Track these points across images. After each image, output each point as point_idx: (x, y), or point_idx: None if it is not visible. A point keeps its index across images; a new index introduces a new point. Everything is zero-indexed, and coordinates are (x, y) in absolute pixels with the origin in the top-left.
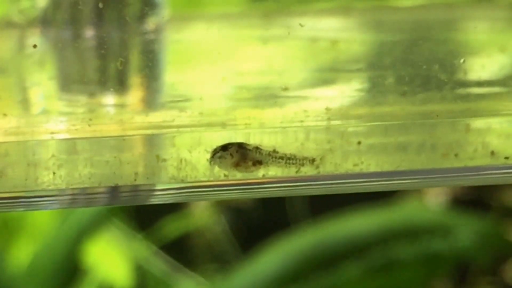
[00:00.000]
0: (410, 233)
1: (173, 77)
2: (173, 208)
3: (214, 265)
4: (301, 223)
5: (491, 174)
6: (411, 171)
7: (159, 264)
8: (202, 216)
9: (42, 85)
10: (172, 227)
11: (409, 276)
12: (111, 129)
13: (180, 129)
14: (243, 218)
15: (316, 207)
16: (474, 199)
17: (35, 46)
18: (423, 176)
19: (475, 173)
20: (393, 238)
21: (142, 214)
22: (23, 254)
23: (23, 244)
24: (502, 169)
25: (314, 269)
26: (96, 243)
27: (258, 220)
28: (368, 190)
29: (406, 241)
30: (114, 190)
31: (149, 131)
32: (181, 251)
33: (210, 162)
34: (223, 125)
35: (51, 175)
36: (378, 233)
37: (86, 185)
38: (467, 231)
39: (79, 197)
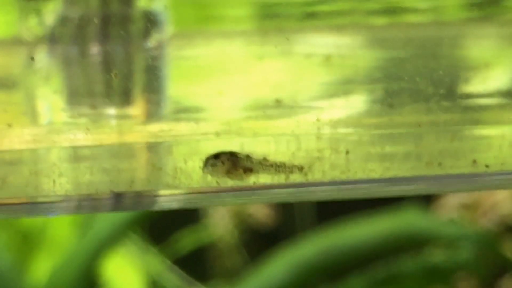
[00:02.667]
0: (413, 241)
1: (174, 90)
2: (186, 222)
3: (227, 279)
4: (309, 233)
5: (472, 181)
6: (396, 178)
7: (172, 278)
8: (215, 230)
9: (47, 98)
10: (185, 241)
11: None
12: (111, 138)
13: (177, 139)
14: (256, 232)
15: (323, 216)
16: None
17: (32, 58)
18: (407, 183)
19: (457, 180)
20: (395, 246)
21: (155, 229)
22: (42, 268)
23: (42, 258)
24: (483, 177)
25: (320, 278)
26: (112, 257)
27: (269, 234)
28: (354, 197)
29: (408, 249)
30: (117, 197)
31: (146, 141)
32: (194, 265)
33: (203, 170)
34: (218, 135)
35: (51, 183)
36: (381, 241)
37: (83, 192)
38: (467, 243)
39: (85, 203)
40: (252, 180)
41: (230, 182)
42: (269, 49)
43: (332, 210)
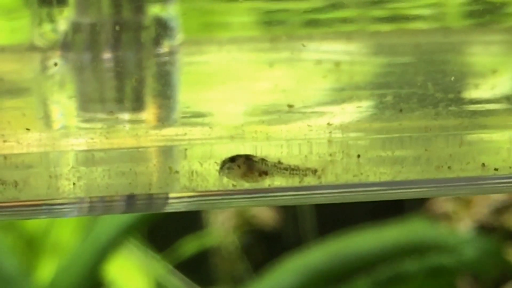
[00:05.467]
0: (418, 250)
1: (185, 95)
2: (189, 228)
3: (230, 284)
4: (312, 242)
5: (481, 185)
6: (407, 181)
7: (175, 283)
8: (218, 235)
9: (63, 103)
10: (188, 246)
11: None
12: (127, 142)
13: (192, 142)
14: (258, 238)
15: (325, 226)
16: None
17: (56, 64)
18: (418, 186)
19: (467, 183)
20: (400, 255)
21: (158, 234)
22: (46, 271)
23: (46, 261)
24: (492, 180)
25: (324, 285)
26: (115, 261)
27: (271, 240)
28: (366, 199)
29: (413, 257)
30: (129, 199)
31: (162, 144)
32: (197, 270)
33: (219, 172)
34: (232, 139)
35: (71, 185)
36: (387, 250)
37: (104, 194)
38: (471, 247)
39: (97, 204)
40: (267, 182)
41: (246, 185)
42: (279, 55)
43: (333, 215)
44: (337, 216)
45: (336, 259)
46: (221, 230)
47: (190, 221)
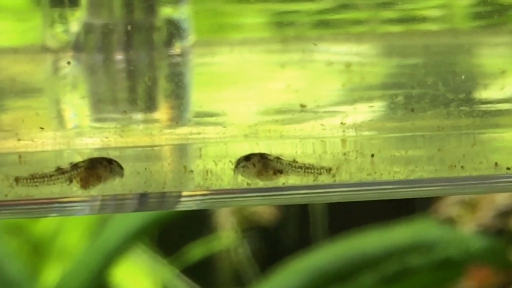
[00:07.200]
0: (426, 251)
1: (199, 96)
2: (196, 233)
3: None
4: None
5: (494, 183)
6: (421, 180)
7: (182, 287)
8: (224, 240)
9: (75, 103)
10: (195, 251)
11: (422, 281)
12: (141, 141)
13: (206, 142)
14: (265, 241)
15: (335, 228)
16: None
17: (69, 62)
18: (431, 185)
19: (480, 182)
20: (406, 253)
21: (165, 239)
22: (52, 276)
23: (53, 266)
24: (505, 179)
25: (330, 284)
26: (122, 266)
27: (279, 243)
28: (380, 198)
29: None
30: (141, 197)
31: (177, 143)
32: (203, 274)
33: (234, 171)
34: (246, 138)
35: None
36: (394, 251)
37: (117, 193)
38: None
39: (109, 203)
40: (281, 181)
41: (260, 183)
42: (290, 56)
43: (345, 216)
44: (348, 217)
45: (344, 260)
46: (228, 234)
47: (198, 226)
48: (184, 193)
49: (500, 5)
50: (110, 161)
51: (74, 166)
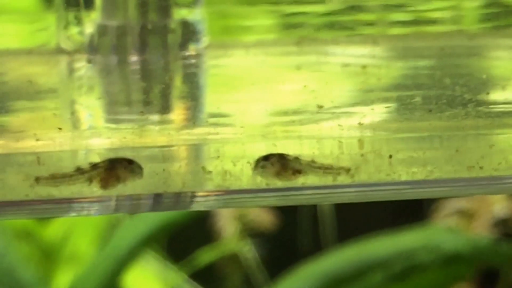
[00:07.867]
0: (438, 257)
1: (215, 97)
2: (204, 241)
3: None
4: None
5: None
6: (439, 180)
7: None
8: (232, 246)
9: (91, 104)
10: (204, 257)
11: (430, 279)
12: (159, 141)
13: (224, 142)
14: (274, 246)
15: (345, 234)
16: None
17: (89, 61)
18: (450, 185)
19: (499, 182)
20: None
21: (174, 247)
22: (62, 282)
23: (63, 272)
24: None
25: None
26: (132, 273)
27: (288, 249)
28: (400, 198)
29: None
30: (156, 197)
31: (195, 144)
32: (212, 280)
33: (253, 171)
34: (264, 138)
35: None
36: (406, 257)
37: (135, 193)
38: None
39: (124, 203)
40: (300, 181)
41: (279, 183)
42: (305, 58)
43: (354, 221)
44: (358, 222)
45: (354, 265)
46: (236, 240)
47: (207, 232)
48: (199, 193)
49: (509, 7)
50: (130, 162)
51: (94, 166)
